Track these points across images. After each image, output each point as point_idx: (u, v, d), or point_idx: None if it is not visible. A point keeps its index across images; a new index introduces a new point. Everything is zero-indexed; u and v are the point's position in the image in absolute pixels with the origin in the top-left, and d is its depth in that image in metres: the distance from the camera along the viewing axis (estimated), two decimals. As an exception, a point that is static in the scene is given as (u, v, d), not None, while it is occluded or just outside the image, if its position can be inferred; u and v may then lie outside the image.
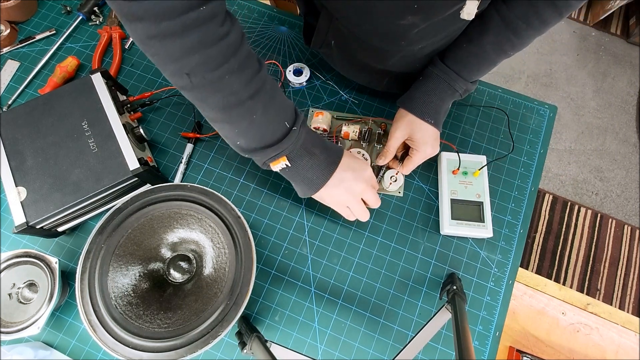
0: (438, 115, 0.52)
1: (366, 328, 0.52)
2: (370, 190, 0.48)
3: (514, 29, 0.46)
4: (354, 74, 0.59)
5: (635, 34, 1.69)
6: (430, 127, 0.52)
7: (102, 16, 0.68)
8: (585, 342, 0.58)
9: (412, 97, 0.53)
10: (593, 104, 1.64)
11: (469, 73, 0.51)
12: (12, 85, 0.64)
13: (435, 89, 0.51)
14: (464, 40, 0.49)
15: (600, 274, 1.38)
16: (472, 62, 0.50)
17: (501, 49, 0.48)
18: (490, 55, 0.49)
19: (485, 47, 0.48)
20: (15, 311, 0.48)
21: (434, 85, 0.52)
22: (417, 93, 0.53)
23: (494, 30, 0.47)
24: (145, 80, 0.65)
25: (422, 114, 0.52)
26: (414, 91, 0.53)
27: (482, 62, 0.50)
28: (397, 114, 0.55)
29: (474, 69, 0.50)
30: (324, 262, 0.55)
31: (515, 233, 0.57)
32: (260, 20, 0.70)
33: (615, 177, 1.53)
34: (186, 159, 0.59)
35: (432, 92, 0.52)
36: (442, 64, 0.51)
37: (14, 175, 0.49)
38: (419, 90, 0.52)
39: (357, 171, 0.47)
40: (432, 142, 0.53)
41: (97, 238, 0.44)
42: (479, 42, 0.48)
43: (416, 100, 0.52)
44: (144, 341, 0.41)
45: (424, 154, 0.54)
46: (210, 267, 0.48)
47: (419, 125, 0.52)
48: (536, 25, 0.45)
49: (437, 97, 0.52)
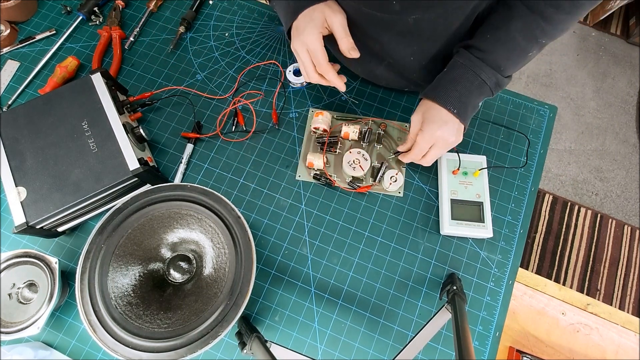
0: (464, 106, 0.48)
1: (366, 328, 0.52)
2: (304, 55, 0.48)
3: (541, 13, 0.44)
4: (353, 62, 0.58)
5: (635, 34, 1.69)
6: (447, 113, 0.48)
7: (102, 16, 0.68)
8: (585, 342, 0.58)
9: (435, 87, 0.50)
10: (593, 104, 1.64)
11: (498, 62, 0.47)
12: (12, 85, 0.64)
13: (461, 78, 0.48)
14: (488, 30, 0.47)
15: (600, 274, 1.38)
16: (500, 50, 0.47)
17: (531, 36, 0.45)
18: (519, 43, 0.46)
19: (512, 34, 0.46)
20: (15, 311, 0.48)
21: (459, 75, 0.48)
22: (441, 82, 0.50)
23: (520, 17, 0.45)
24: (145, 80, 0.65)
25: (445, 102, 0.48)
26: (438, 81, 0.50)
27: (512, 51, 0.47)
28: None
29: (502, 57, 0.47)
30: (324, 262, 0.55)
31: (515, 233, 0.57)
32: (260, 20, 0.70)
33: (615, 177, 1.53)
34: (186, 159, 0.59)
35: (456, 81, 0.48)
36: (467, 53, 0.48)
37: (14, 175, 0.49)
38: (443, 80, 0.49)
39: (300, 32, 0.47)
40: (442, 124, 0.48)
41: (97, 238, 0.44)
42: (506, 29, 0.46)
43: (439, 89, 0.49)
44: (144, 341, 0.41)
45: (429, 133, 0.49)
46: (210, 267, 0.48)
47: (434, 107, 0.49)
48: (566, 8, 0.43)
49: (463, 87, 0.48)
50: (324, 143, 0.59)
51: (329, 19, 0.47)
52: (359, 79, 0.65)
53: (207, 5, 0.71)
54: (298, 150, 0.61)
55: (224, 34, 0.68)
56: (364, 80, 0.65)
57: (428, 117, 0.50)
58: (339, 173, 0.59)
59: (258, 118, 0.63)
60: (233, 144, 0.61)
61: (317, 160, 0.58)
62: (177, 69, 0.66)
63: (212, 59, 0.67)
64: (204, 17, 0.70)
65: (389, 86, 0.63)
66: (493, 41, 0.47)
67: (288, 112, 0.63)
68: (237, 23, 0.69)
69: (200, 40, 0.68)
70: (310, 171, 0.59)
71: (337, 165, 0.59)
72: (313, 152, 0.60)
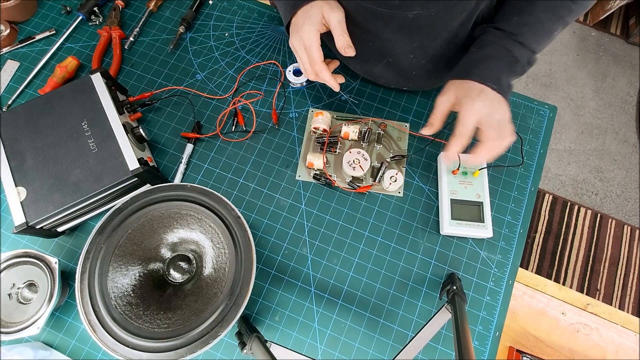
0: (499, 82, 0.45)
1: (366, 328, 0.52)
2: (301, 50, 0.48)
3: None
4: (352, 60, 0.58)
5: (635, 34, 1.69)
6: (484, 86, 0.44)
7: (102, 16, 0.68)
8: (585, 342, 0.58)
9: (465, 67, 0.47)
10: (593, 104, 1.64)
11: (528, 42, 0.46)
12: (12, 85, 0.64)
13: (493, 55, 0.46)
14: (512, 13, 0.46)
15: (600, 274, 1.38)
16: (527, 32, 0.45)
17: (557, 16, 0.44)
18: (545, 25, 0.45)
19: (538, 15, 0.45)
20: (15, 311, 0.48)
21: (490, 52, 0.46)
22: (471, 61, 0.47)
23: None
24: (145, 80, 0.65)
25: (481, 78, 0.45)
26: (467, 61, 0.47)
27: (539, 33, 0.45)
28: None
29: (531, 39, 0.46)
30: (324, 262, 0.55)
31: (515, 233, 0.57)
32: (260, 20, 0.70)
33: (615, 177, 1.53)
34: (186, 159, 0.59)
35: (489, 59, 0.45)
36: (497, 30, 0.46)
37: (13, 175, 0.49)
38: (473, 58, 0.47)
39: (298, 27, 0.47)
40: (481, 94, 0.44)
41: (97, 238, 0.44)
42: (531, 11, 0.45)
43: (472, 67, 0.46)
44: (144, 341, 0.41)
45: (468, 105, 0.45)
46: (210, 267, 0.48)
47: (466, 83, 0.46)
48: None
49: (495, 64, 0.45)
50: (324, 143, 0.59)
51: (326, 16, 0.47)
52: (358, 79, 0.65)
53: (207, 5, 0.71)
54: (298, 150, 0.61)
55: (223, 34, 0.68)
56: (364, 80, 0.65)
57: (461, 92, 0.46)
58: (339, 173, 0.59)
59: (258, 118, 0.63)
60: (233, 144, 0.61)
61: (317, 160, 0.58)
62: (177, 69, 0.66)
63: (212, 59, 0.67)
64: (204, 17, 0.70)
65: (387, 85, 0.63)
66: (520, 24, 0.46)
67: (288, 112, 0.63)
68: (237, 23, 0.69)
69: (200, 40, 0.68)
70: (310, 171, 0.59)
71: (337, 165, 0.59)
72: (313, 152, 0.60)
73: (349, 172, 0.58)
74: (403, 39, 0.50)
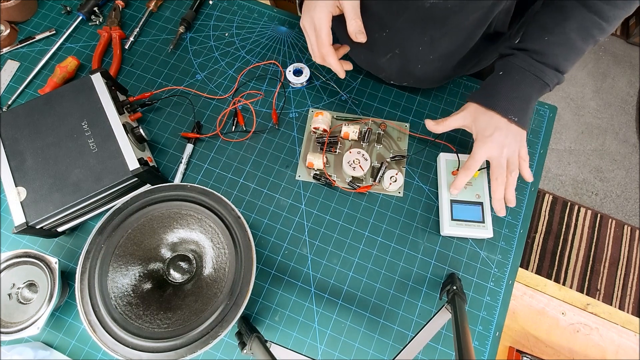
0: (524, 114, 0.46)
1: (366, 328, 0.52)
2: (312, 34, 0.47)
3: (598, 11, 0.43)
4: (358, 49, 0.57)
5: (635, 34, 1.69)
6: (505, 121, 0.46)
7: (102, 16, 0.68)
8: (585, 342, 0.58)
9: (491, 93, 0.47)
10: (593, 104, 1.64)
11: (558, 64, 0.46)
12: (12, 85, 0.64)
13: (521, 82, 0.46)
14: (542, 33, 0.46)
15: (600, 274, 1.38)
16: (558, 53, 0.45)
17: (588, 34, 0.44)
18: (576, 44, 0.45)
19: (569, 36, 0.44)
20: (15, 311, 0.48)
21: (519, 80, 0.46)
22: (497, 88, 0.47)
23: (574, 17, 0.44)
24: (145, 80, 0.65)
25: (506, 111, 0.46)
26: (493, 87, 0.48)
27: (570, 52, 0.46)
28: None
29: (561, 59, 0.46)
30: (324, 262, 0.55)
31: (515, 233, 0.57)
32: (260, 20, 0.70)
33: (615, 177, 1.53)
34: (186, 159, 0.59)
35: (517, 86, 0.46)
36: (526, 56, 0.46)
37: (13, 175, 0.49)
38: (500, 85, 0.47)
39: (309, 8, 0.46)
40: (496, 137, 0.46)
41: (97, 238, 0.44)
42: (562, 30, 0.44)
43: (499, 96, 0.46)
44: (144, 341, 0.41)
45: (485, 148, 0.47)
46: (210, 267, 0.48)
47: (487, 114, 0.47)
48: (620, 4, 0.42)
49: (523, 92, 0.46)
50: (324, 143, 0.59)
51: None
52: (358, 79, 0.65)
53: (207, 5, 0.71)
54: (298, 150, 0.61)
55: (223, 34, 0.68)
56: (364, 78, 0.65)
57: (479, 122, 0.47)
58: (339, 173, 0.59)
59: (258, 118, 0.63)
60: (233, 144, 0.61)
61: (317, 160, 0.58)
62: (177, 69, 0.66)
63: (212, 59, 0.67)
64: (204, 17, 0.70)
65: (388, 80, 0.62)
66: (550, 43, 0.45)
67: (288, 112, 0.63)
68: (237, 23, 0.69)
69: (200, 40, 0.68)
70: (310, 171, 0.59)
71: (337, 165, 0.59)
72: (313, 152, 0.60)
73: (349, 172, 0.58)
74: (415, 30, 0.49)
